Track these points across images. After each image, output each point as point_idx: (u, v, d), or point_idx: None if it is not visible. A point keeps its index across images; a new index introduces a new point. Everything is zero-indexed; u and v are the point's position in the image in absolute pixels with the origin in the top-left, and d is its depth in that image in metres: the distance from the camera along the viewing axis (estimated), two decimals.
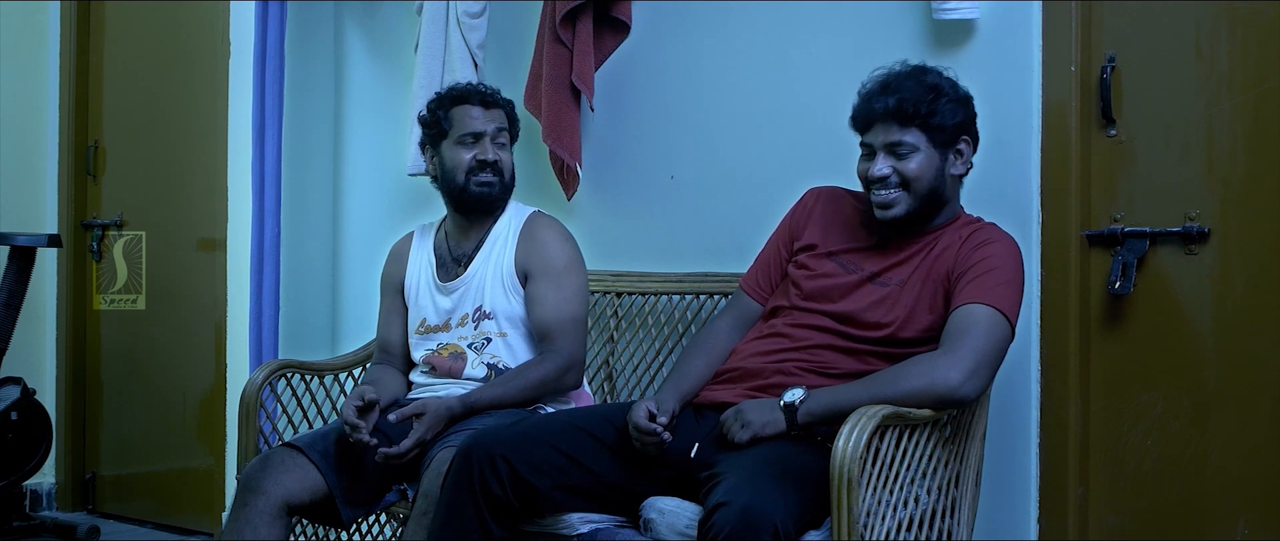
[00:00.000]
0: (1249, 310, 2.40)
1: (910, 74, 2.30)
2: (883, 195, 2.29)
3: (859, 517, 1.96)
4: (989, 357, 2.17)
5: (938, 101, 2.26)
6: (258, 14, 3.48)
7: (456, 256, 2.78)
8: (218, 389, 3.85)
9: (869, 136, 2.31)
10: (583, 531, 2.24)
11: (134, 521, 4.21)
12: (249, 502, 2.43)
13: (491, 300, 2.71)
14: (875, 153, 2.30)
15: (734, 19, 2.98)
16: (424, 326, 2.78)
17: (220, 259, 3.84)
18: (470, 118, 2.74)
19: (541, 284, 2.68)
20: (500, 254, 2.74)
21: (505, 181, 2.76)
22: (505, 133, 2.77)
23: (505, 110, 2.79)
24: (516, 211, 2.80)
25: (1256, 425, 2.38)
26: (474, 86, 2.81)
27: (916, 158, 2.27)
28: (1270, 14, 2.37)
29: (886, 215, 2.30)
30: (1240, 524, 2.39)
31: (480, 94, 2.77)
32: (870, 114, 2.29)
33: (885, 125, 2.27)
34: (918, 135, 2.27)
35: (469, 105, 2.75)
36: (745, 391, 2.31)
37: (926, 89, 2.27)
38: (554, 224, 2.79)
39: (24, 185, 4.34)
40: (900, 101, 2.25)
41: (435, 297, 2.77)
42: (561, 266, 2.70)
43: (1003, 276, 2.23)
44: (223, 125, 3.79)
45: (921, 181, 2.28)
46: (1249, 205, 2.40)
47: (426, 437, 2.49)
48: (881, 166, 2.28)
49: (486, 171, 2.72)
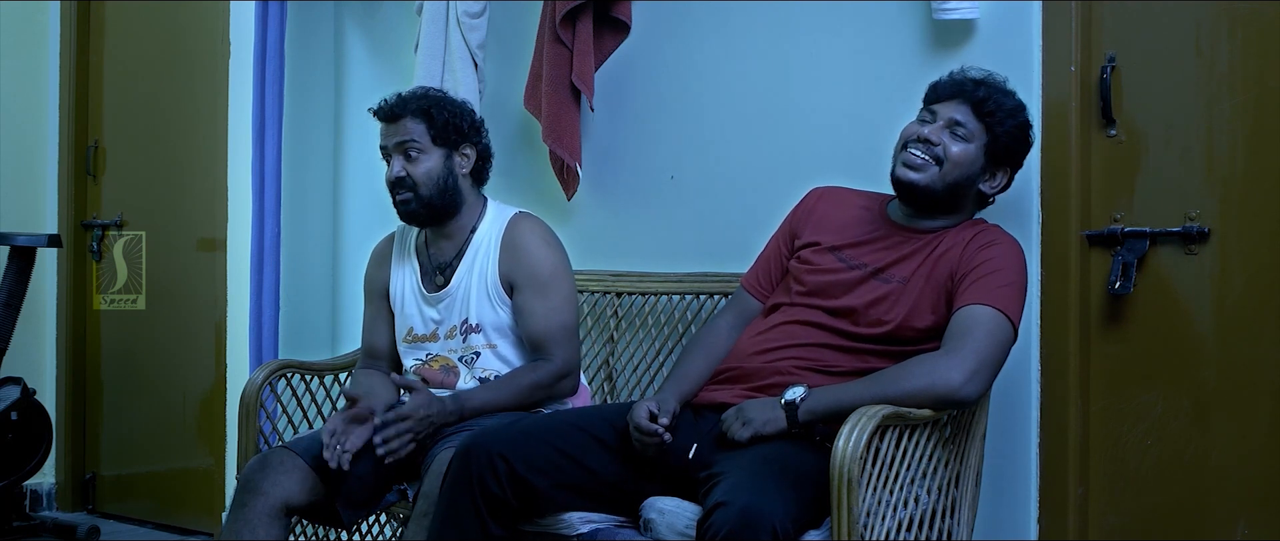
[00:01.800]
0: (1249, 310, 2.40)
1: (1002, 86, 2.36)
2: (916, 156, 2.31)
3: (859, 517, 1.96)
4: (991, 359, 2.17)
5: (1013, 122, 2.32)
6: (258, 14, 3.48)
7: (438, 264, 2.72)
8: (218, 389, 3.85)
9: (938, 106, 2.34)
10: (582, 531, 2.24)
11: (134, 521, 4.21)
12: (248, 503, 2.42)
13: (478, 313, 2.67)
14: (934, 120, 2.32)
15: (734, 19, 2.98)
16: (412, 336, 2.74)
17: (220, 259, 3.84)
18: (380, 134, 2.67)
19: (528, 295, 2.63)
20: (483, 264, 2.68)
21: (422, 195, 2.63)
22: (414, 144, 2.63)
23: (416, 116, 2.64)
24: (497, 215, 2.73)
25: (1256, 425, 2.38)
26: (386, 99, 2.69)
27: (968, 147, 2.30)
28: (1270, 14, 2.37)
29: (907, 176, 2.31)
30: (1240, 524, 2.39)
31: (385, 108, 2.66)
32: (955, 89, 2.33)
33: (961, 104, 2.31)
34: (981, 132, 2.31)
35: (379, 121, 2.68)
36: (744, 392, 2.31)
37: (1012, 109, 2.33)
38: (536, 227, 2.71)
39: (24, 185, 4.35)
40: (988, 97, 2.31)
41: (422, 308, 2.73)
42: (547, 274, 2.64)
43: (1006, 278, 2.23)
44: (223, 125, 3.79)
45: (957, 168, 2.30)
46: (1249, 205, 2.40)
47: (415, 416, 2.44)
48: (934, 132, 2.31)
49: (398, 190, 2.64)
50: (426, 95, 2.69)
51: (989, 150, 2.31)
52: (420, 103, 2.66)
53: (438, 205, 2.66)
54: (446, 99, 2.72)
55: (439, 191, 2.65)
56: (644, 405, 2.27)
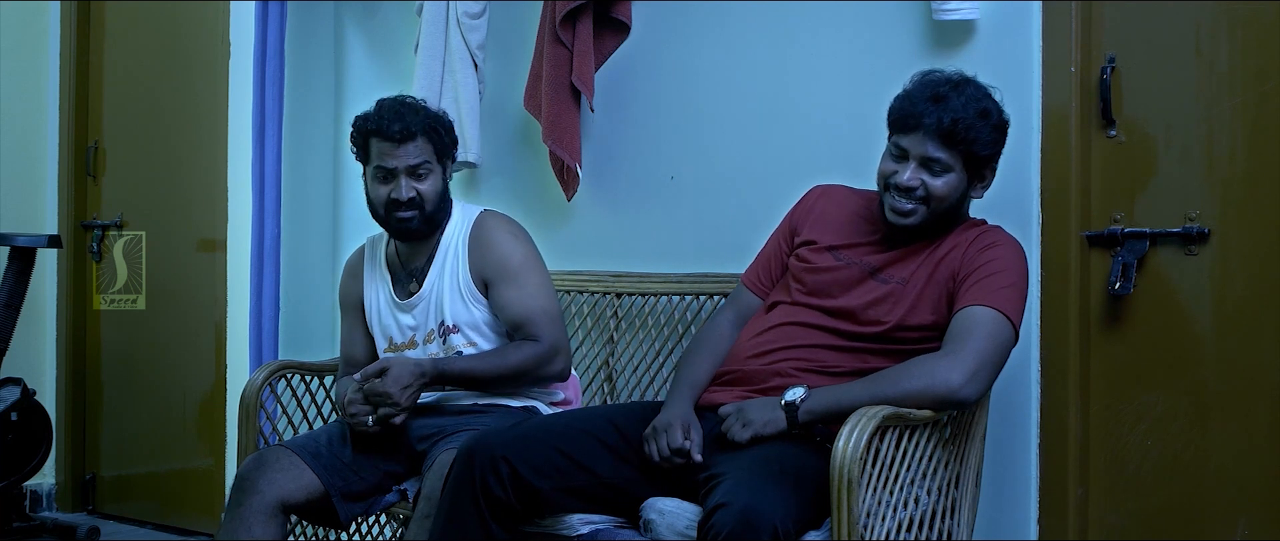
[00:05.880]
0: (1249, 310, 2.40)
1: (960, 89, 2.23)
2: (902, 204, 2.26)
3: (859, 518, 1.96)
4: (991, 360, 2.17)
5: (985, 129, 2.22)
6: (258, 14, 3.48)
7: (411, 271, 2.72)
8: (218, 389, 3.85)
9: (906, 141, 2.24)
10: (583, 532, 2.24)
11: (134, 522, 4.21)
12: (244, 502, 2.42)
13: (453, 313, 2.66)
14: (907, 158, 2.25)
15: (734, 19, 2.98)
16: (392, 345, 2.73)
17: (220, 259, 3.84)
18: (381, 153, 2.61)
19: (501, 288, 2.63)
20: (454, 265, 2.67)
21: (427, 212, 2.63)
22: (427, 163, 2.62)
23: (427, 135, 2.62)
24: (463, 216, 2.72)
25: (1256, 425, 2.38)
26: (391, 115, 2.61)
27: (948, 178, 2.24)
28: (1270, 14, 2.37)
29: (901, 222, 2.28)
30: (1240, 524, 2.39)
31: (394, 130, 2.58)
32: (917, 122, 2.23)
33: (928, 138, 2.22)
34: (955, 158, 2.23)
35: (380, 140, 2.60)
36: (744, 394, 2.30)
37: (978, 114, 2.21)
38: (502, 222, 2.71)
39: (24, 185, 4.35)
40: (954, 121, 2.20)
41: (397, 316, 2.72)
42: (517, 265, 2.64)
43: (1007, 279, 2.23)
44: (223, 125, 3.79)
45: (945, 201, 2.26)
46: (1249, 205, 2.40)
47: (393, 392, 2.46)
48: (911, 177, 2.24)
49: (401, 208, 2.62)
50: (427, 112, 2.67)
51: (970, 167, 2.26)
52: (425, 120, 2.64)
53: (436, 219, 2.67)
54: (438, 114, 2.71)
55: (438, 206, 2.66)
56: (677, 429, 2.23)
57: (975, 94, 2.24)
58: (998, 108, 2.27)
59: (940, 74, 2.28)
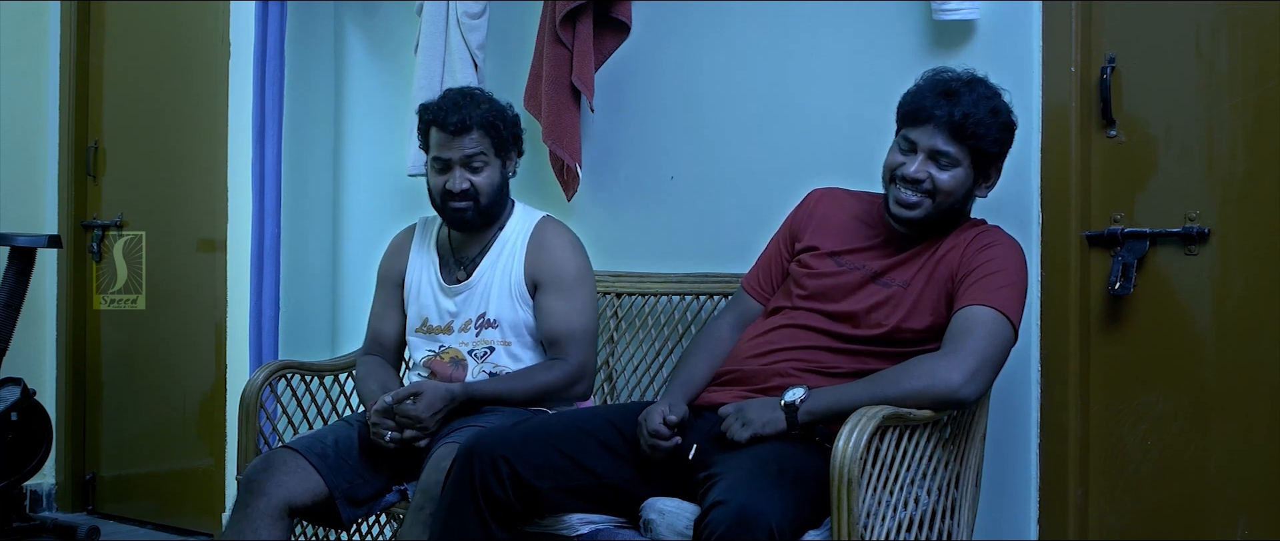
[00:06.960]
0: (1249, 310, 2.40)
1: (972, 86, 2.25)
2: (908, 196, 2.27)
3: (859, 518, 1.96)
4: (990, 359, 2.17)
5: (994, 127, 2.24)
6: (258, 14, 3.48)
7: (460, 258, 2.75)
8: (218, 389, 3.85)
9: (915, 134, 2.26)
10: (583, 532, 2.24)
11: (134, 522, 4.21)
12: (251, 503, 2.43)
13: (497, 308, 2.69)
14: (915, 150, 2.26)
15: (734, 19, 2.98)
16: (426, 326, 2.76)
17: (220, 259, 3.84)
18: (439, 143, 2.64)
19: (551, 295, 2.66)
20: (509, 262, 2.70)
21: (481, 204, 2.66)
22: (483, 155, 2.64)
23: (484, 129, 2.64)
24: (524, 216, 2.76)
25: (1256, 425, 2.38)
26: (450, 107, 2.64)
27: (955, 172, 2.25)
28: (1270, 14, 2.37)
29: (904, 214, 2.29)
30: (1240, 524, 2.39)
31: (451, 122, 2.61)
32: (928, 115, 2.24)
33: (938, 131, 2.23)
34: (964, 153, 2.24)
35: (439, 131, 2.64)
36: (744, 394, 2.31)
37: (989, 111, 2.23)
38: (564, 231, 2.76)
39: (24, 185, 4.35)
40: (964, 116, 2.21)
41: (439, 298, 2.75)
42: (572, 277, 2.67)
43: (1006, 279, 2.23)
44: (223, 125, 3.79)
45: (951, 196, 2.26)
46: (1249, 205, 2.40)
47: (423, 417, 2.48)
48: (918, 169, 2.25)
49: (455, 199, 2.64)
50: (490, 105, 2.68)
51: (977, 165, 2.28)
52: (486, 114, 2.65)
53: (492, 213, 2.70)
54: (502, 108, 2.72)
55: (494, 200, 2.68)
56: (658, 410, 2.26)
57: (986, 92, 2.26)
58: (1007, 108, 2.29)
59: (952, 72, 2.30)
